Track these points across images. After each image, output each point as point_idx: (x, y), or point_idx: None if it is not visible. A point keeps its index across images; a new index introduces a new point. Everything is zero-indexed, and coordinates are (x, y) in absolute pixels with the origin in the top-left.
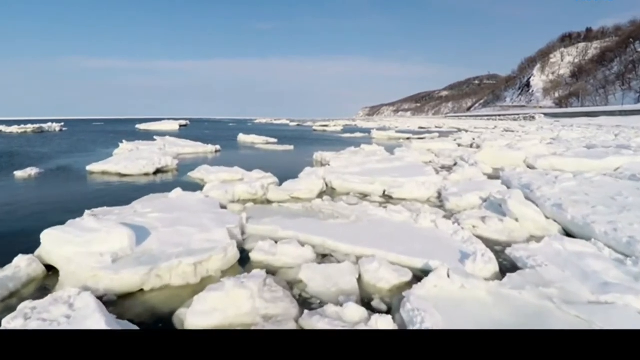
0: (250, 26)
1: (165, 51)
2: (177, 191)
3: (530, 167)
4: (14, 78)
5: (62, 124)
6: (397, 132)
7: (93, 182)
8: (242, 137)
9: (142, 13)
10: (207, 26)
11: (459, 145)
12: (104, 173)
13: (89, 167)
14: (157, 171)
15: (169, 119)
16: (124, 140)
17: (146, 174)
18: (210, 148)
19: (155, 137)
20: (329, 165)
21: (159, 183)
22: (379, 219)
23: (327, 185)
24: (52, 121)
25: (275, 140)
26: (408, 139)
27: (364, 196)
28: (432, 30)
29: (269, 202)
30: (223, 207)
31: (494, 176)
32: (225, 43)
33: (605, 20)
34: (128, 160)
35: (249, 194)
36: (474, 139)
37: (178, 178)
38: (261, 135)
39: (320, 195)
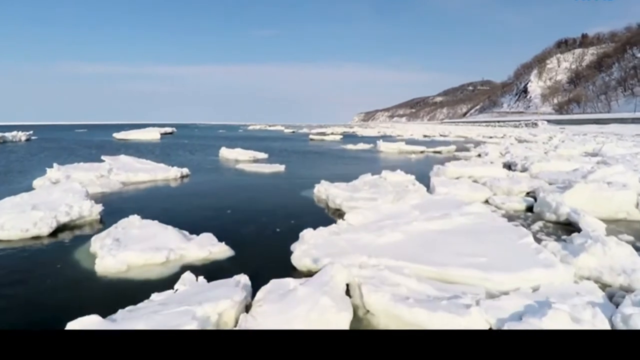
0: (248, 33)
1: (162, 56)
2: None
3: None
4: (5, 83)
5: (31, 132)
6: (407, 143)
7: None
8: (225, 153)
9: (141, 18)
10: (205, 32)
11: (510, 169)
12: None
13: None
14: (62, 227)
15: (154, 126)
16: (54, 164)
17: (36, 237)
18: (174, 173)
19: (103, 158)
20: (343, 220)
21: (31, 265)
22: None
23: (350, 287)
24: (42, 126)
25: (264, 155)
26: (422, 152)
27: None
28: (427, 38)
29: None
30: None
31: None
32: (222, 49)
33: (600, 26)
34: (17, 208)
35: None
36: (502, 154)
37: (76, 247)
38: (249, 148)
39: None
